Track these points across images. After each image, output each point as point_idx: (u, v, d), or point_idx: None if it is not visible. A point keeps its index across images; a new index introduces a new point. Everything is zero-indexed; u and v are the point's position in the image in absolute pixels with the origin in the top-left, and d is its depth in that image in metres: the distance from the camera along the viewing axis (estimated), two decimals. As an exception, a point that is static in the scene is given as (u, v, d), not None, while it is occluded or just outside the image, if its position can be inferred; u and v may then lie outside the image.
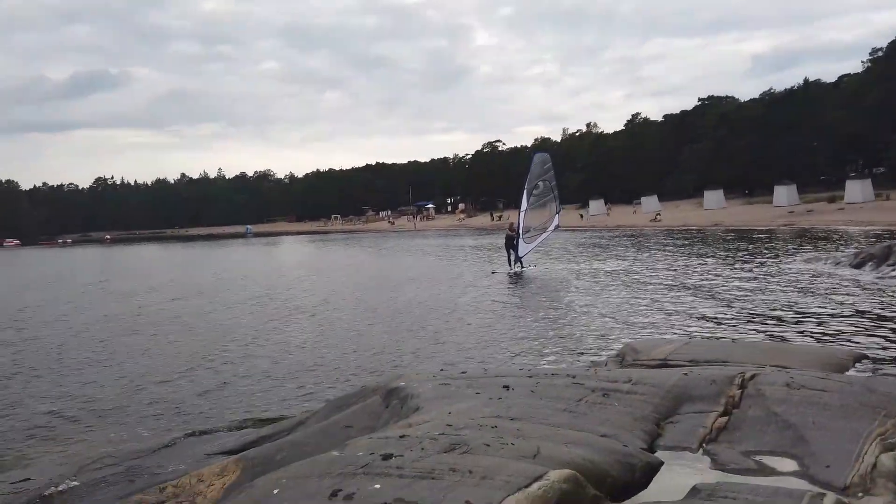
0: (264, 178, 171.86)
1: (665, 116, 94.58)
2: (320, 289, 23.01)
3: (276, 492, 3.62)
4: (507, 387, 5.65)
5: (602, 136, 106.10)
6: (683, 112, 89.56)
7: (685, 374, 5.80)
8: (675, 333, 11.65)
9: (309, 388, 9.66)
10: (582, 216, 71.78)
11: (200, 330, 15.44)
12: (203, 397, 9.46)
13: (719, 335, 11.30)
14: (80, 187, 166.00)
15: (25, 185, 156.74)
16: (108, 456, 7.08)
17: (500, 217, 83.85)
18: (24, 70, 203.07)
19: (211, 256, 51.09)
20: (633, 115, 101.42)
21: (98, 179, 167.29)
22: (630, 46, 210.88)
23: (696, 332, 11.86)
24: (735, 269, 21.02)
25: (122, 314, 18.86)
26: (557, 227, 26.38)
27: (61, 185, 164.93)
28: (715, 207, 61.58)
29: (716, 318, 13.10)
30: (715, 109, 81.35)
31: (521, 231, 24.28)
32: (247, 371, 10.95)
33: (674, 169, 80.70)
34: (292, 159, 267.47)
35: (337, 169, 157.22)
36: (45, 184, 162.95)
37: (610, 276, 21.04)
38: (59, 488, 6.29)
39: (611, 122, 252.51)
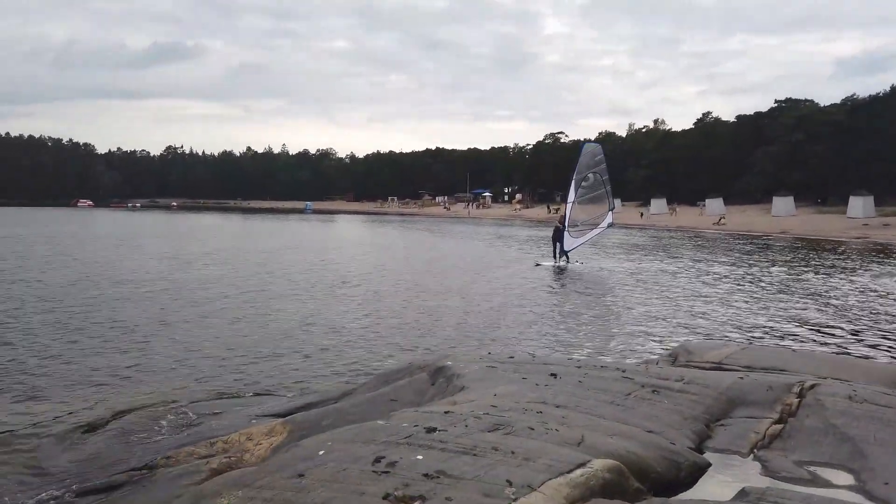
0: (326, 156, 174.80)
1: (738, 117, 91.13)
2: (371, 267, 23.33)
3: (321, 453, 3.71)
4: (554, 375, 5.62)
5: (670, 133, 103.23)
6: (758, 113, 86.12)
7: (740, 377, 5.64)
8: (730, 339, 11.31)
9: (356, 360, 9.83)
10: (642, 214, 70.24)
11: (258, 300, 15.90)
12: (255, 363, 9.75)
13: (777, 344, 10.91)
14: (152, 154, 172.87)
15: (101, 149, 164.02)
16: (163, 408, 7.41)
17: (556, 210, 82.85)
18: (104, 35, 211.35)
19: (272, 229, 52.44)
20: (704, 114, 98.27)
21: (168, 147, 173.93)
22: (707, 41, 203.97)
23: (752, 339, 11.49)
24: (799, 279, 20.21)
25: (180, 280, 19.59)
26: (611, 224, 25.38)
27: (134, 151, 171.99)
28: (784, 214, 59.21)
29: (774, 326, 12.65)
30: (792, 112, 77.90)
31: (567, 224, 23.70)
32: (296, 340, 11.23)
33: (743, 172, 77.89)
34: (354, 139, 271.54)
35: (397, 151, 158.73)
36: (119, 149, 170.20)
37: (665, 277, 20.56)
38: (111, 433, 6.62)
39: (680, 119, 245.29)
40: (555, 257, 23.76)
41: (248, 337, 11.47)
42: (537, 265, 23.67)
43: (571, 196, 24.16)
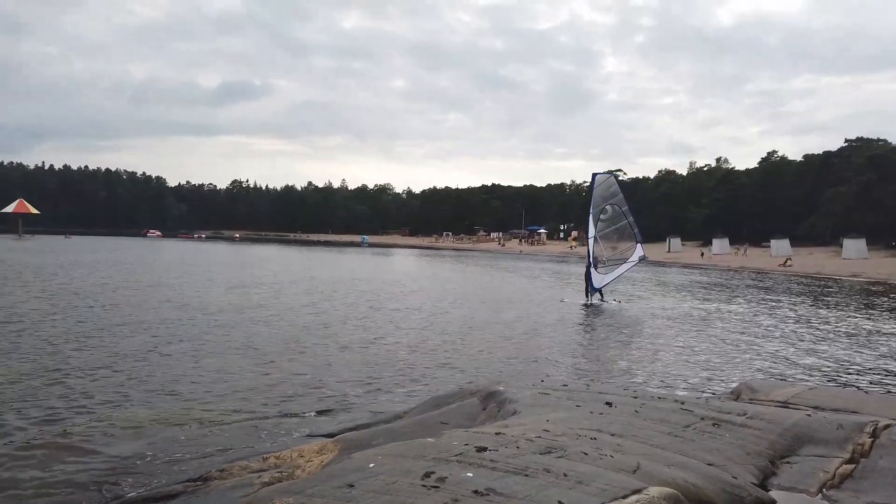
0: (383, 191, 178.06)
1: (805, 156, 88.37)
2: (423, 297, 23.41)
3: (371, 466, 3.71)
4: (609, 403, 5.48)
5: (733, 171, 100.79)
6: (827, 152, 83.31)
7: (808, 414, 5.36)
8: (795, 379, 10.77)
9: (406, 384, 9.83)
10: (703, 254, 68.33)
11: (316, 325, 16.17)
12: (309, 385, 9.87)
13: (845, 387, 10.32)
14: (218, 187, 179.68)
15: (172, 182, 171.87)
16: (220, 424, 7.57)
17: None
18: (179, 74, 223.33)
19: (331, 261, 53.48)
20: (769, 153, 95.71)
21: (234, 181, 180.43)
22: (773, 80, 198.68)
23: (819, 381, 10.91)
24: (871, 323, 19.16)
25: (239, 304, 20.14)
26: (643, 257, 23.91)
27: (202, 185, 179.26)
28: (854, 257, 56.49)
29: (843, 369, 11.99)
30: (864, 151, 74.95)
31: (591, 260, 22.74)
32: (350, 364, 11.32)
33: (810, 213, 75.07)
34: (411, 174, 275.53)
35: (453, 187, 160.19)
36: (188, 182, 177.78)
37: (724, 316, 19.85)
38: (171, 447, 6.80)
39: (743, 159, 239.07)
40: (586, 295, 22.89)
41: (303, 360, 11.64)
42: (562, 301, 23.00)
43: (591, 231, 23.14)
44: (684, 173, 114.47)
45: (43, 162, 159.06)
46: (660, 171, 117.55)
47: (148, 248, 65.17)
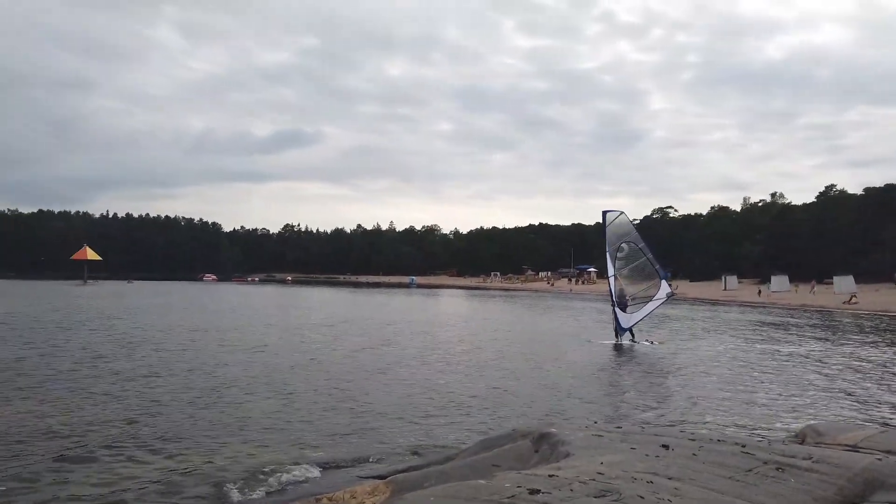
0: (430, 232, 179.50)
1: (866, 189, 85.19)
2: (474, 339, 23.31)
3: (424, 507, 3.71)
4: (665, 446, 5.33)
5: (788, 206, 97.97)
6: (888, 185, 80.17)
7: (878, 459, 5.09)
8: (864, 423, 10.22)
9: (458, 426, 9.76)
10: (760, 292, 66.06)
11: (368, 367, 16.29)
12: (359, 425, 9.92)
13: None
14: (270, 232, 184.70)
15: (227, 228, 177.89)
16: (273, 465, 7.66)
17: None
18: (234, 125, 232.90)
19: (381, 302, 53.95)
20: (826, 187, 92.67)
21: (286, 226, 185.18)
22: (825, 113, 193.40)
23: (890, 425, 10.32)
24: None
25: (295, 345, 20.47)
26: (671, 294, 23.18)
27: (255, 229, 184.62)
28: (925, 293, 53.66)
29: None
30: (928, 183, 71.90)
31: (614, 299, 22.21)
32: (398, 404, 11.34)
33: (872, 248, 71.93)
34: (457, 215, 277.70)
35: (499, 227, 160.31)
36: (242, 227, 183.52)
37: (787, 358, 19.08)
38: (226, 488, 6.91)
39: (799, 194, 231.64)
40: (616, 335, 22.22)
41: (354, 401, 11.72)
42: (588, 342, 22.12)
43: (610, 270, 22.60)
44: (737, 209, 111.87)
45: (107, 210, 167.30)
46: (712, 208, 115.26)
47: (207, 292, 67.12)
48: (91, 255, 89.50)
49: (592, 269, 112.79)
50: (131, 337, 21.60)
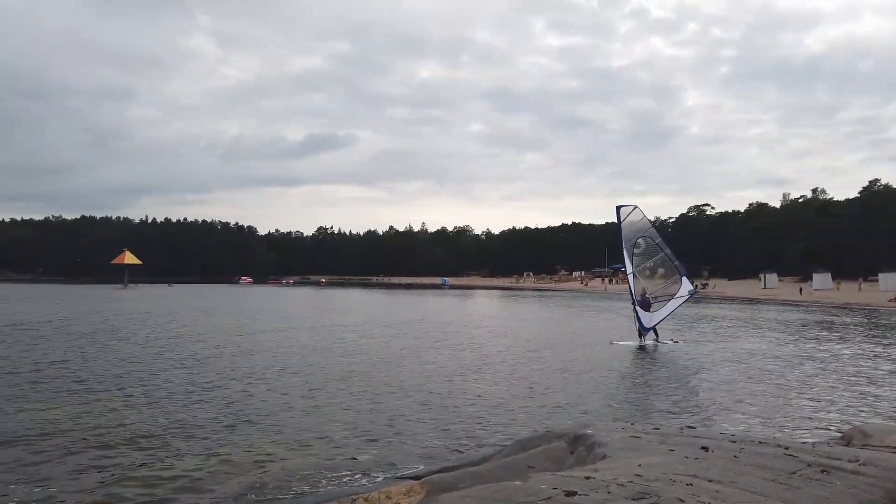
0: (462, 233, 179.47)
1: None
2: (508, 339, 23.21)
3: (459, 508, 3.69)
4: (705, 448, 5.22)
5: (830, 202, 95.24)
6: (936, 178, 77.37)
7: (931, 462, 4.90)
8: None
9: (493, 427, 9.72)
10: (801, 290, 64.37)
11: (403, 368, 16.36)
12: (392, 426, 9.95)
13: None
14: (304, 234, 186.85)
15: (261, 231, 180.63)
16: (311, 464, 7.74)
17: (704, 285, 78.28)
18: (267, 130, 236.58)
19: (416, 303, 54.15)
20: (871, 181, 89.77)
21: (319, 228, 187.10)
22: (871, 106, 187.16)
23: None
24: None
25: (332, 346, 20.67)
26: (693, 292, 22.14)
27: (289, 233, 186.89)
28: (977, 290, 51.64)
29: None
30: (979, 176, 69.03)
31: (634, 298, 21.51)
32: (432, 404, 11.34)
33: (920, 243, 69.48)
34: (489, 216, 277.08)
35: (532, 227, 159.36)
36: (276, 230, 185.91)
37: (831, 357, 18.54)
38: (264, 485, 7.00)
39: (841, 189, 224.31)
40: (640, 336, 21.52)
41: (387, 402, 11.77)
42: (612, 344, 21.43)
43: (628, 268, 21.98)
44: (777, 206, 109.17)
45: (146, 216, 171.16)
46: (750, 205, 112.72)
47: (245, 294, 68.24)
48: (131, 259, 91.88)
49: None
50: (182, 341, 22.09)
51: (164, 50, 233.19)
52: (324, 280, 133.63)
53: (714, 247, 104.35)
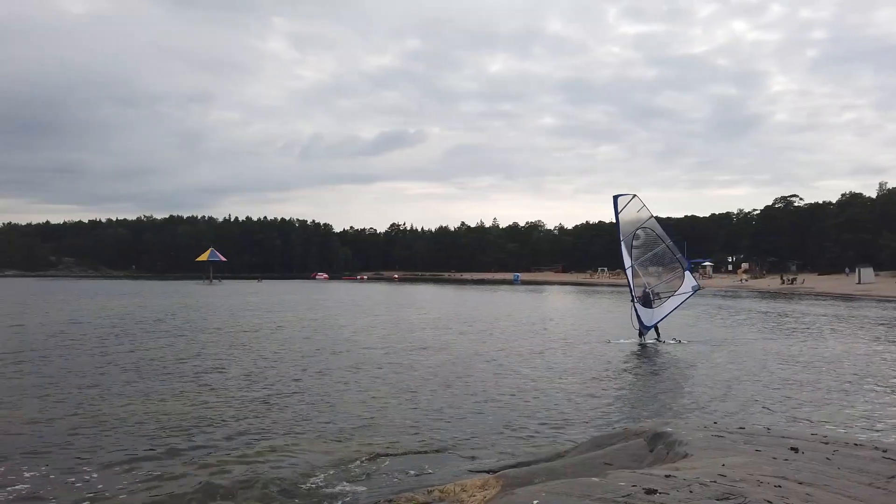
0: (534, 228, 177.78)
1: None
2: (579, 336, 22.87)
3: (535, 502, 3.69)
4: (795, 449, 4.98)
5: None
6: None
7: None
8: None
9: (566, 423, 9.62)
10: (903, 285, 60.08)
11: (481, 362, 16.44)
12: (468, 421, 10.01)
13: None
14: (378, 231, 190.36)
15: (337, 228, 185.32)
16: (389, 455, 7.90)
17: (792, 280, 74.41)
18: (342, 129, 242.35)
19: (486, 299, 54.21)
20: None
21: (392, 225, 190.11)
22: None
23: None
24: None
25: (411, 343, 21.00)
26: (697, 287, 20.72)
27: (363, 229, 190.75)
28: None
29: None
30: None
31: (633, 293, 20.13)
32: (508, 403, 11.34)
33: None
34: (562, 210, 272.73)
35: (607, 221, 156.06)
36: (351, 227, 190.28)
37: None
38: (342, 476, 7.19)
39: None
40: (640, 334, 20.13)
41: (463, 398, 11.86)
42: (609, 342, 20.18)
43: (626, 262, 20.44)
44: (873, 195, 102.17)
45: (229, 214, 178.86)
46: (843, 195, 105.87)
47: (324, 290, 70.31)
48: (217, 256, 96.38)
49: (708, 263, 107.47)
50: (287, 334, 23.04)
51: (242, 53, 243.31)
52: (396, 276, 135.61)
53: (803, 240, 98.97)
